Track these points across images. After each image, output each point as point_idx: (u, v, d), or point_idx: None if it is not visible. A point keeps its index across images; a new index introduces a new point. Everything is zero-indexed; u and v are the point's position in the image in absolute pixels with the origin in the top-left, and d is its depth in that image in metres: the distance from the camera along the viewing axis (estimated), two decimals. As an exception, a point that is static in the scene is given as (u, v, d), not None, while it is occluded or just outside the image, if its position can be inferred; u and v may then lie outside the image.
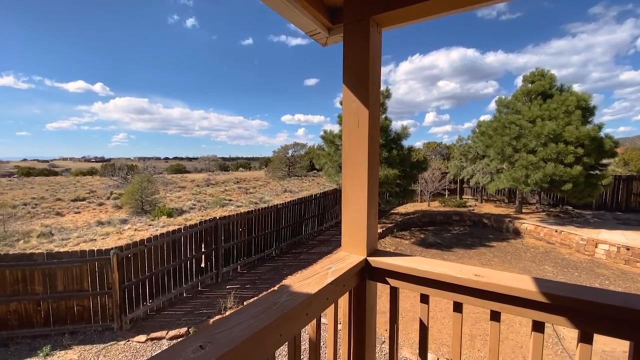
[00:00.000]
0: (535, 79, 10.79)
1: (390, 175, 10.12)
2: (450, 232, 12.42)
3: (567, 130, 9.12)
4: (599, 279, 7.81)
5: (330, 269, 1.22)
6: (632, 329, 0.94)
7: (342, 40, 1.40)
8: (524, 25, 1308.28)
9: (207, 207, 18.59)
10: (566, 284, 1.09)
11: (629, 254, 8.55)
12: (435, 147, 25.61)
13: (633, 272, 8.23)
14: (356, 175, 1.38)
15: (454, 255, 9.76)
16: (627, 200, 13.42)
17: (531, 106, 10.42)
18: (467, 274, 1.19)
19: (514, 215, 12.86)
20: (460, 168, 14.82)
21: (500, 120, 11.23)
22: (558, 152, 9.30)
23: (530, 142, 10.20)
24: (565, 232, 10.19)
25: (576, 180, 9.11)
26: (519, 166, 10.31)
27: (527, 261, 9.19)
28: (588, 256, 9.34)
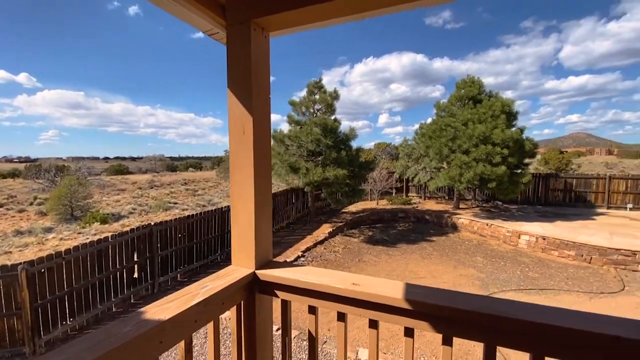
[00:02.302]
0: (466, 86, 11.79)
1: (339, 176, 10.31)
2: (396, 229, 13.02)
3: (494, 133, 10.10)
4: (520, 267, 8.72)
5: (205, 288, 1.14)
6: (483, 332, 1.00)
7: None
8: (466, 35, 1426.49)
9: (148, 211, 17.30)
10: (431, 290, 1.14)
11: (545, 243, 9.69)
12: (385, 147, 26.74)
13: (548, 259, 9.33)
14: (243, 184, 1.32)
15: (398, 251, 10.24)
16: (546, 195, 15.25)
17: (464, 110, 11.37)
18: (346, 284, 1.19)
19: (452, 211, 13.89)
20: (405, 167, 15.62)
21: (439, 123, 12.07)
22: (487, 153, 10.25)
23: (464, 143, 11.09)
24: (494, 225, 11.24)
25: (501, 178, 10.13)
26: (454, 165, 11.16)
27: (462, 253, 9.96)
28: (513, 246, 10.41)
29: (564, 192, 14.94)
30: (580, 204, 14.54)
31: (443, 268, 8.74)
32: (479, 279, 7.98)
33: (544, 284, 7.57)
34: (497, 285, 7.57)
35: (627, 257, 8.17)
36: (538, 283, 7.66)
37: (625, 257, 8.21)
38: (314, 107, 11.66)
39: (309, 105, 11.52)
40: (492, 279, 7.91)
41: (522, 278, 7.96)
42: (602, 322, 0.85)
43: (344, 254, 9.98)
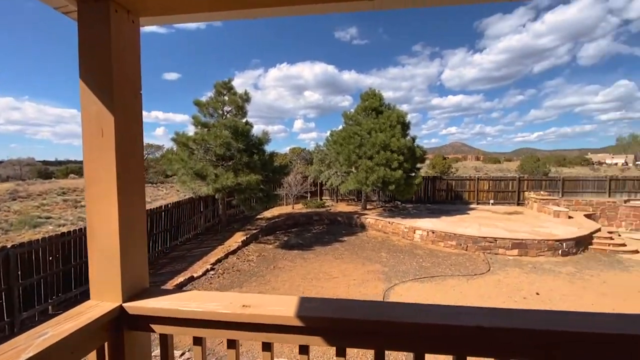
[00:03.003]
0: (369, 98, 13.01)
1: (252, 181, 9.98)
2: (311, 232, 13.33)
3: (392, 141, 11.34)
4: (416, 258, 9.90)
5: (42, 337, 0.87)
6: (373, 338, 1.01)
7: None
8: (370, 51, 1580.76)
9: (9, 229, 13.66)
10: (325, 302, 1.10)
11: (434, 236, 11.25)
12: (300, 152, 27.33)
13: (437, 249, 10.84)
14: (103, 199, 1.07)
15: (313, 254, 10.47)
16: (433, 194, 17.82)
17: (368, 120, 12.48)
18: (236, 307, 1.07)
19: (360, 211, 14.99)
20: (319, 172, 16.19)
21: (347, 130, 12.93)
22: (387, 159, 11.43)
23: (369, 150, 12.11)
24: (395, 223, 12.55)
25: (398, 181, 11.43)
26: (361, 170, 12.09)
27: (369, 250, 10.79)
28: (410, 241, 11.78)
29: (446, 191, 17.75)
30: (459, 201, 17.50)
31: (353, 266, 9.28)
32: (383, 273, 8.73)
33: (434, 272, 8.75)
34: (398, 277, 8.41)
35: (491, 243, 10.13)
36: (430, 271, 8.81)
37: (489, 243, 10.15)
38: (223, 108, 11.07)
39: (217, 107, 10.87)
40: (394, 272, 8.76)
41: (418, 268, 9.05)
42: (467, 313, 0.93)
43: (258, 262, 9.68)
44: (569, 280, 8.13)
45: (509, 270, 8.73)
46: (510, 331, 0.88)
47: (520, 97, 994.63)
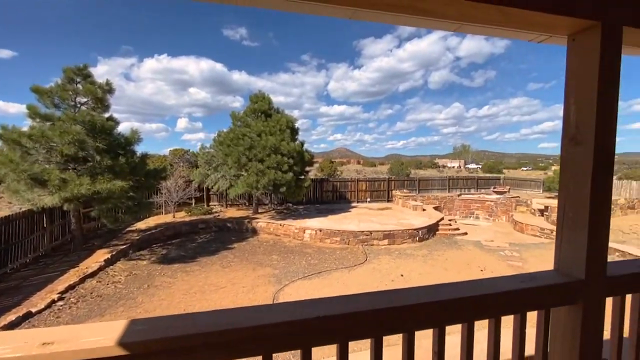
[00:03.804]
0: (258, 100, 12.94)
1: (115, 188, 8.41)
2: (195, 242, 12.23)
3: (282, 145, 11.55)
4: (305, 257, 10.29)
5: None
6: (214, 352, 0.91)
7: None
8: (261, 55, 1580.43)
9: None
10: (159, 321, 0.94)
11: (322, 234, 11.96)
12: (183, 154, 24.83)
13: (324, 246, 11.55)
14: None
15: (198, 265, 9.60)
16: (321, 195, 19.02)
17: (257, 122, 12.36)
18: (32, 347, 0.80)
19: (252, 216, 14.66)
20: (205, 176, 15.04)
21: (235, 132, 12.47)
22: (277, 162, 11.56)
23: (259, 152, 11.98)
24: (286, 224, 12.78)
25: (289, 183, 11.73)
26: (251, 173, 11.85)
27: (261, 255, 10.64)
28: (300, 241, 12.19)
29: (332, 192, 19.24)
30: (343, 200, 19.21)
31: (243, 273, 8.95)
32: (274, 275, 8.73)
33: (321, 268, 9.28)
34: (288, 277, 8.55)
35: (367, 236, 11.45)
36: (317, 268, 9.29)
37: (366, 236, 11.46)
38: (76, 99, 9.01)
39: (65, 96, 8.76)
40: (285, 273, 8.87)
41: (307, 266, 9.42)
42: (309, 306, 0.94)
43: (128, 283, 8.25)
44: (423, 261, 9.93)
45: (381, 258, 10.05)
46: (347, 315, 0.94)
47: (390, 111, 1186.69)
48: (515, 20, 1.15)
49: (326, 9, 1.15)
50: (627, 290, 1.40)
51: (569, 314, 1.27)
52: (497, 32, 1.29)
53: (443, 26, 1.28)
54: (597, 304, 1.27)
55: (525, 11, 1.08)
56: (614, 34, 1.15)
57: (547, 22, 1.19)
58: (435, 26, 1.29)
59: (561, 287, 1.24)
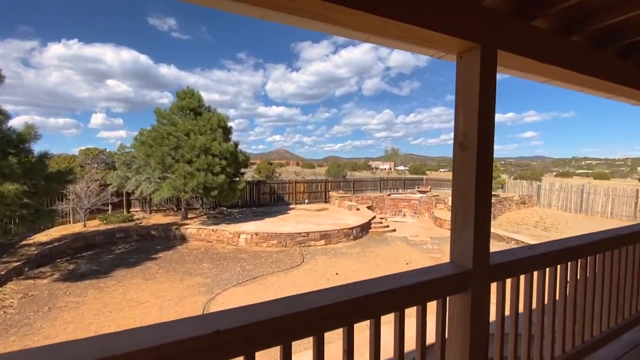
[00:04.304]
0: (186, 97, 12.08)
1: (5, 192, 6.98)
2: (112, 253, 10.86)
3: (213, 145, 10.95)
4: (240, 263, 9.92)
5: None
6: None
7: None
8: (193, 49, 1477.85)
9: None
10: (83, 344, 0.78)
11: (258, 238, 11.67)
12: (98, 154, 21.85)
13: (260, 250, 11.28)
14: None
15: (114, 280, 8.53)
16: (258, 198, 18.59)
17: (185, 120, 11.51)
18: None
19: (180, 222, 13.60)
20: (124, 179, 13.46)
21: (160, 130, 11.42)
22: (208, 163, 10.92)
23: (187, 153, 11.17)
24: (219, 230, 12.15)
25: (222, 186, 11.18)
26: (179, 175, 10.98)
27: (190, 263, 9.92)
28: (235, 246, 11.71)
29: (270, 194, 18.97)
30: (281, 202, 19.07)
31: (169, 284, 8.24)
32: (204, 285, 8.21)
33: (257, 273, 9.04)
34: (220, 285, 8.13)
35: (305, 237, 11.55)
36: (253, 273, 9.03)
37: (303, 237, 11.55)
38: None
39: None
40: (217, 281, 8.42)
41: (241, 272, 9.09)
42: (206, 320, 0.88)
43: (23, 307, 6.95)
44: (357, 258, 10.40)
45: (318, 259, 10.23)
46: (253, 325, 0.91)
47: (327, 115, 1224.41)
48: (412, 36, 1.26)
49: (240, 7, 1.13)
50: (507, 275, 1.64)
51: (462, 300, 1.43)
52: (402, 45, 1.40)
53: (354, 35, 1.34)
54: (483, 289, 1.46)
55: (418, 28, 1.18)
56: (490, 55, 1.33)
57: (440, 41, 1.32)
58: (347, 35, 1.34)
59: (455, 277, 1.39)
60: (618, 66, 2.06)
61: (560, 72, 1.75)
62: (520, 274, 1.70)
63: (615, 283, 2.37)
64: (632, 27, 1.75)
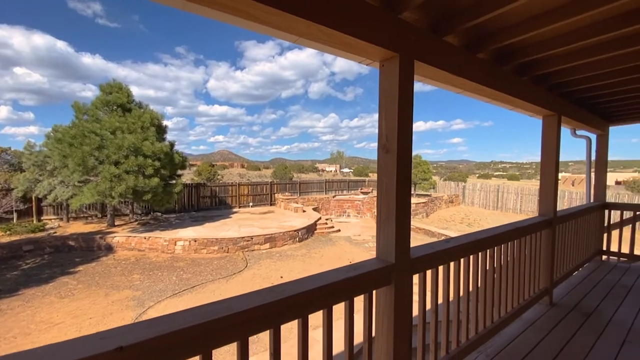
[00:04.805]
0: (113, 91, 10.87)
1: None
2: (18, 269, 9.27)
3: (145, 145, 10.02)
4: (176, 272, 9.23)
5: None
6: None
7: None
8: (124, 38, 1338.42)
9: None
10: None
11: (197, 245, 10.99)
12: (0, 153, 18.45)
13: (199, 257, 10.65)
14: None
15: (20, 300, 7.29)
16: (198, 202, 17.55)
17: (111, 117, 10.35)
18: None
19: (106, 230, 12.18)
20: (34, 182, 11.60)
21: (80, 127, 10.09)
22: (139, 165, 9.97)
23: (113, 153, 10.05)
24: (153, 237, 11.17)
25: (155, 190, 10.28)
26: (104, 178, 9.83)
27: (117, 276, 8.93)
28: (170, 254, 10.87)
29: (211, 198, 18.05)
30: (223, 206, 18.27)
31: (90, 301, 7.31)
32: (134, 298, 7.47)
33: (195, 281, 8.51)
34: (153, 298, 7.47)
35: (248, 242, 11.23)
36: (191, 282, 8.47)
37: (247, 242, 11.21)
38: None
39: None
40: (149, 293, 7.72)
41: (178, 282, 8.47)
42: (106, 337, 0.80)
43: None
44: (302, 260, 10.44)
45: (262, 263, 10.02)
46: (169, 335, 0.84)
47: (274, 116, 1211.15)
48: (338, 42, 1.30)
49: (158, -5, 1.06)
50: (427, 267, 1.79)
51: (386, 293, 1.52)
52: (330, 50, 1.44)
53: (283, 36, 1.34)
54: (406, 282, 1.57)
55: (342, 34, 1.23)
56: (408, 65, 1.44)
57: (365, 48, 1.39)
58: (276, 35, 1.34)
59: (380, 271, 1.47)
60: (516, 82, 2.40)
61: (470, 84, 1.98)
62: (439, 265, 1.87)
63: (517, 269, 2.75)
64: (525, 49, 2.06)
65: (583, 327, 2.81)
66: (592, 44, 2.00)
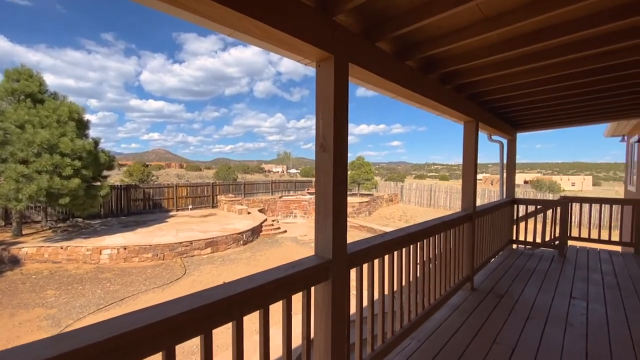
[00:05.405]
0: (21, 78, 9.27)
1: None
2: None
3: (62, 142, 8.75)
4: (102, 284, 8.25)
5: None
6: None
7: None
8: (35, 18, 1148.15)
9: None
10: None
11: (126, 253, 9.96)
12: None
13: (130, 267, 9.66)
14: None
15: None
16: (128, 205, 15.93)
17: (19, 108, 8.82)
18: None
19: (11, 240, 10.35)
20: None
21: (-27, 119, 8.41)
22: (55, 164, 8.67)
23: (20, 151, 8.59)
24: (71, 246, 9.82)
25: (75, 192, 9.04)
26: (8, 179, 8.34)
27: (26, 293, 7.67)
28: (94, 265, 9.67)
29: (144, 201, 16.53)
30: (157, 209, 16.87)
31: (-12, 325, 6.15)
32: (49, 317, 6.49)
33: (125, 293, 7.71)
34: (72, 315, 6.58)
35: (187, 247, 10.53)
36: (120, 294, 7.65)
37: (186, 247, 10.51)
38: None
39: None
40: (67, 310, 6.78)
41: (103, 296, 7.58)
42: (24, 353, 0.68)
43: None
44: (247, 263, 10.14)
45: (203, 269, 9.49)
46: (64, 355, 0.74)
47: (216, 114, 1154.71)
48: (273, 39, 1.29)
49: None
50: (363, 261, 1.87)
51: (324, 289, 1.55)
52: (267, 46, 1.41)
53: (218, 28, 1.28)
54: (343, 276, 1.61)
55: (277, 31, 1.22)
56: (343, 66, 1.49)
57: (301, 47, 1.40)
58: (209, 26, 1.27)
59: (318, 267, 1.49)
60: (441, 90, 2.65)
61: (401, 90, 2.13)
62: (375, 259, 1.97)
63: (444, 259, 3.03)
64: (447, 60, 2.28)
65: (497, 307, 3.21)
66: (501, 60, 2.30)
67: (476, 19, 1.71)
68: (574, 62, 2.33)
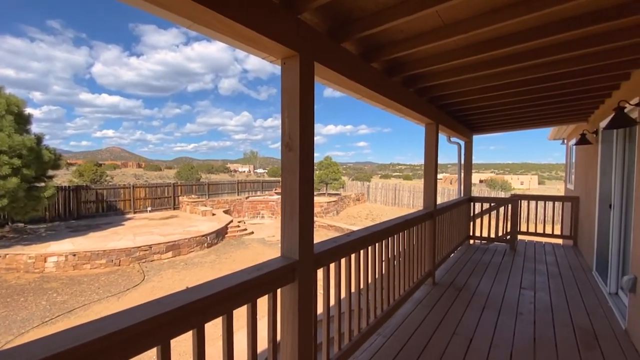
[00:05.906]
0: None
1: None
2: None
3: (-2, 137, 7.83)
4: (47, 295, 7.52)
5: None
6: None
7: None
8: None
9: None
10: None
11: (76, 259, 9.16)
12: None
13: (80, 274, 8.90)
14: None
15: None
16: (78, 208, 14.66)
17: (-58, 100, 7.74)
18: None
19: None
20: None
21: None
22: (-11, 163, 7.73)
23: (-55, 148, 7.54)
24: (10, 254, 8.84)
25: (14, 194, 8.14)
26: None
27: (-48, 309, 6.76)
28: (39, 273, 8.78)
29: (96, 203, 15.32)
30: (112, 212, 15.72)
31: None
32: (-19, 335, 5.78)
33: (75, 303, 7.09)
34: (11, 331, 5.92)
35: (146, 252, 9.93)
36: (68, 305, 7.02)
37: (144, 252, 9.90)
38: None
39: None
40: (6, 325, 6.09)
41: (49, 307, 6.91)
42: None
43: None
44: (211, 266, 9.78)
45: (163, 274, 9.00)
46: None
47: (178, 111, 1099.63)
48: (236, 34, 1.24)
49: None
50: (330, 260, 1.87)
51: (290, 290, 1.53)
52: (230, 41, 1.36)
53: (176, 20, 1.21)
54: (309, 277, 1.60)
55: (241, 26, 1.17)
56: (308, 65, 1.48)
57: (266, 44, 1.36)
58: (168, 17, 1.19)
59: (284, 269, 1.46)
60: (404, 92, 2.74)
61: (366, 91, 2.17)
62: (341, 258, 1.99)
63: (407, 256, 3.14)
64: (409, 63, 2.36)
65: (457, 300, 3.39)
66: (459, 65, 2.43)
67: (436, 25, 1.78)
68: (524, 70, 2.53)
